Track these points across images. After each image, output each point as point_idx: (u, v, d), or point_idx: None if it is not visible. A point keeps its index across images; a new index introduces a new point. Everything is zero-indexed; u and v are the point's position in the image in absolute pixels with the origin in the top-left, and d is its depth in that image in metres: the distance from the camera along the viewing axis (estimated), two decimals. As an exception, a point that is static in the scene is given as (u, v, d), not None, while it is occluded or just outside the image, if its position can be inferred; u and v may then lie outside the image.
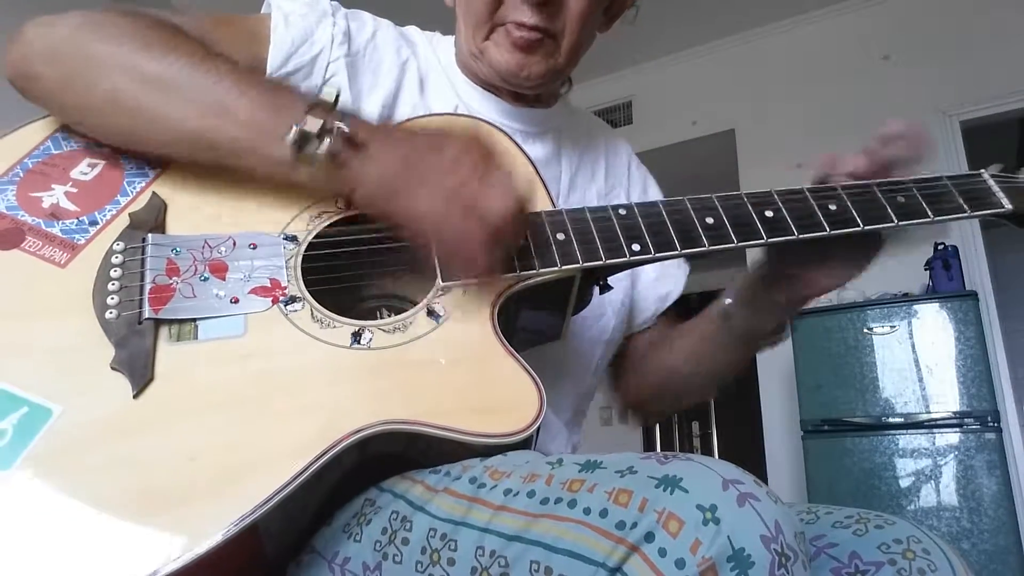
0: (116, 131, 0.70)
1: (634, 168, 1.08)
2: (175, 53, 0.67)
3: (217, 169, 0.70)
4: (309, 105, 0.65)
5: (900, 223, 0.75)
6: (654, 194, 1.07)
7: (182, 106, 0.66)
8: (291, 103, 0.66)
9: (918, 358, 2.80)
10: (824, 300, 3.22)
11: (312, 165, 0.65)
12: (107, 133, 0.71)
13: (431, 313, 0.68)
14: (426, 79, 0.91)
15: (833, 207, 0.75)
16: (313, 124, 0.63)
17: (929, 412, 2.73)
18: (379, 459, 0.63)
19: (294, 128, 0.63)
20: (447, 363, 0.65)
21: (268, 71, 0.79)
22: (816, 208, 0.74)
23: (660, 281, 1.02)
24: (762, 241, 0.73)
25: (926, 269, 3.10)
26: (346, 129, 0.65)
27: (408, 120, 0.82)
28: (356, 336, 0.65)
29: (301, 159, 0.65)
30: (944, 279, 3.00)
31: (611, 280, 0.81)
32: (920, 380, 2.78)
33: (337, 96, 0.67)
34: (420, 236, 0.67)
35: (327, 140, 0.64)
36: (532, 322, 0.77)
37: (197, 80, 0.66)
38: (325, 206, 0.73)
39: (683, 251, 0.72)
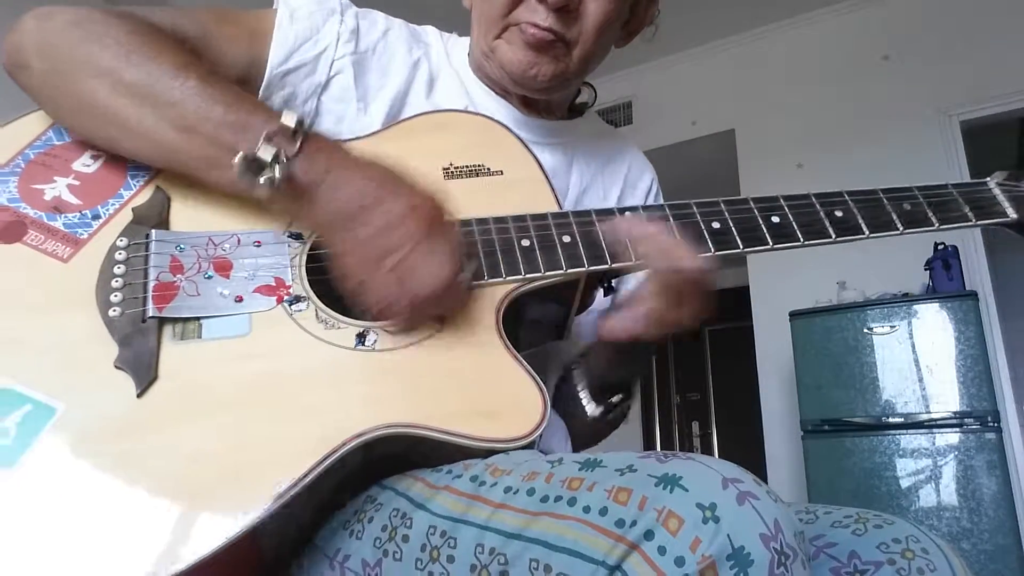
0: (88, 132, 0.70)
1: (652, 196, 1.06)
2: (154, 62, 0.67)
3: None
4: (270, 131, 0.64)
5: (905, 231, 0.75)
6: None
7: (151, 118, 0.66)
8: (254, 126, 0.65)
9: (918, 358, 2.80)
10: (824, 300, 3.24)
11: (264, 190, 0.64)
12: (80, 133, 0.71)
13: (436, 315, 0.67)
14: (436, 80, 0.90)
15: (839, 214, 0.74)
16: (267, 152, 0.62)
17: (929, 412, 2.73)
18: (383, 460, 0.63)
19: (242, 155, 0.62)
20: (451, 366, 0.64)
21: (269, 67, 0.78)
22: (823, 215, 0.74)
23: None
24: (768, 247, 0.73)
25: (926, 269, 3.10)
26: (294, 166, 0.63)
27: (418, 115, 0.82)
28: (361, 337, 0.65)
29: (252, 184, 0.64)
30: (944, 279, 3.00)
31: (615, 281, 0.81)
32: (920, 380, 2.77)
33: (299, 123, 0.65)
34: (344, 282, 0.66)
35: (277, 170, 0.63)
36: (535, 323, 0.77)
37: (170, 93, 0.66)
38: None
39: None
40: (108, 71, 0.67)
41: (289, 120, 0.64)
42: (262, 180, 0.62)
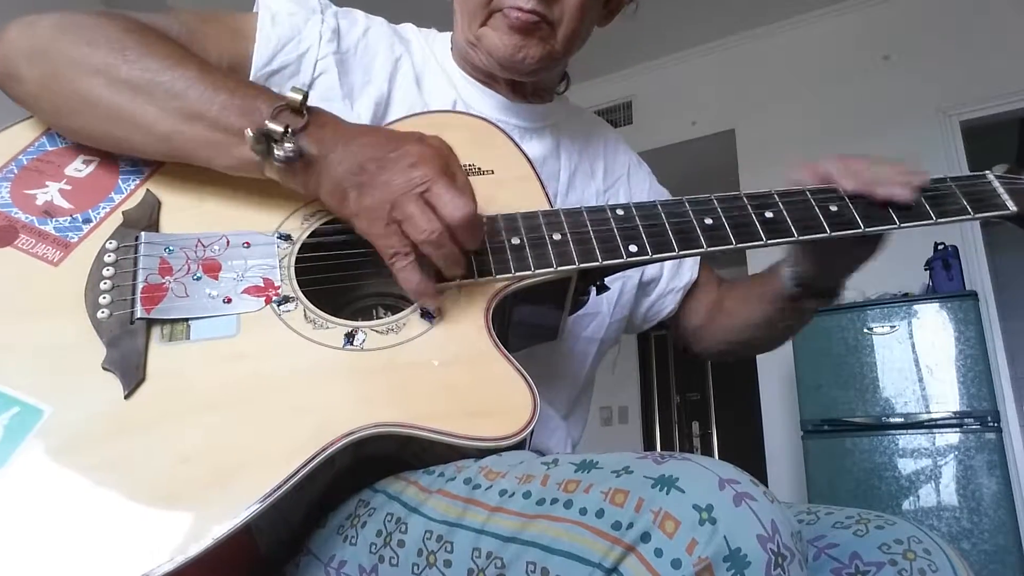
0: (91, 133, 0.70)
1: (634, 167, 1.07)
2: (150, 57, 0.68)
3: (209, 168, 0.70)
4: (276, 108, 0.65)
5: (902, 225, 0.74)
6: (658, 193, 1.08)
7: (154, 110, 0.67)
8: (259, 106, 0.66)
9: (918, 358, 2.80)
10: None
11: (278, 165, 0.65)
12: (83, 135, 0.71)
13: (425, 314, 0.67)
14: (422, 76, 0.91)
15: (834, 208, 0.74)
16: (276, 127, 0.63)
17: (929, 412, 2.73)
18: (373, 460, 0.63)
19: (253, 130, 0.63)
20: (440, 365, 0.64)
21: (254, 69, 0.79)
22: (817, 209, 0.74)
23: (677, 276, 1.04)
24: (761, 243, 0.72)
25: (926, 269, 3.10)
26: (304, 138, 0.65)
27: (405, 117, 0.82)
28: (349, 337, 0.65)
29: (266, 160, 0.65)
30: (944, 279, 3.00)
31: (609, 280, 0.80)
32: (920, 380, 2.77)
33: (305, 97, 0.66)
34: (368, 237, 0.66)
35: (288, 143, 0.63)
36: (527, 323, 0.77)
37: (170, 84, 0.67)
38: (320, 204, 0.72)
39: (681, 252, 0.72)
40: (104, 69, 0.67)
41: (294, 96, 0.66)
42: (278, 154, 0.63)
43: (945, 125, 3.49)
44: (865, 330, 2.91)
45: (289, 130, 0.63)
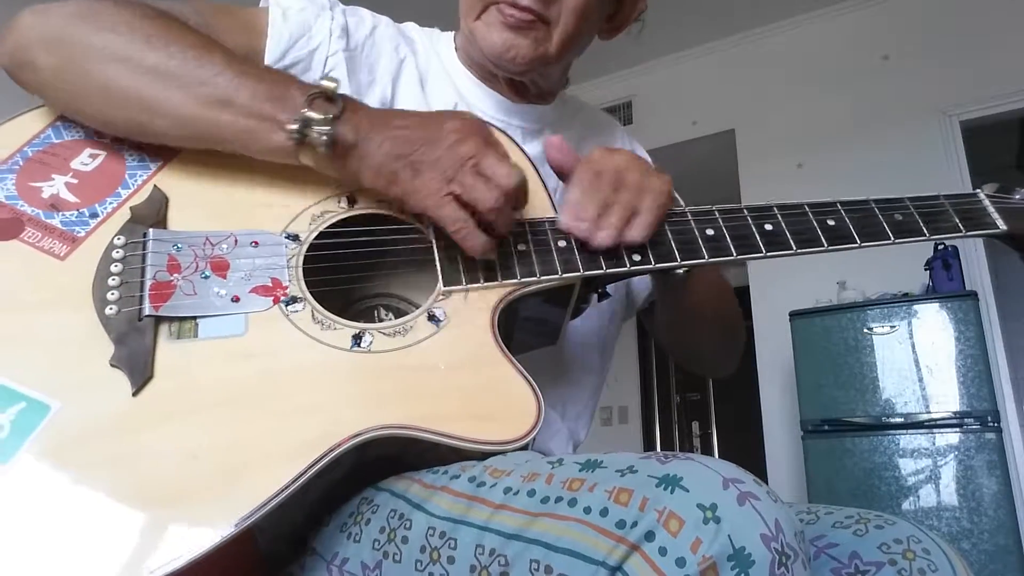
0: (113, 119, 0.70)
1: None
2: (175, 44, 0.67)
3: (219, 164, 0.70)
4: (311, 95, 0.66)
5: (897, 240, 0.76)
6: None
7: (182, 96, 0.66)
8: (293, 93, 0.66)
9: (918, 358, 2.80)
10: (824, 300, 3.24)
11: (315, 153, 0.66)
12: (104, 122, 0.70)
13: (432, 318, 0.68)
14: (426, 77, 0.90)
15: (831, 223, 0.76)
16: (316, 114, 0.64)
17: (929, 412, 2.73)
18: (377, 461, 0.63)
19: (296, 117, 0.64)
20: (446, 368, 0.64)
21: (267, 64, 0.78)
22: (815, 223, 0.75)
23: None
24: (761, 255, 0.74)
25: (926, 269, 3.09)
26: (341, 124, 0.66)
27: None
28: (357, 339, 0.65)
29: (304, 147, 0.66)
30: (944, 279, 3.00)
31: (608, 287, 0.81)
32: (920, 380, 2.77)
33: (337, 85, 0.67)
34: (428, 211, 0.67)
35: (329, 128, 0.65)
36: (529, 328, 0.77)
37: (197, 70, 0.66)
38: (328, 206, 0.72)
39: (683, 262, 0.73)
40: (129, 55, 0.67)
41: (328, 84, 0.67)
42: (322, 139, 0.65)
43: (945, 125, 3.49)
44: (865, 330, 2.91)
45: (331, 116, 0.65)
